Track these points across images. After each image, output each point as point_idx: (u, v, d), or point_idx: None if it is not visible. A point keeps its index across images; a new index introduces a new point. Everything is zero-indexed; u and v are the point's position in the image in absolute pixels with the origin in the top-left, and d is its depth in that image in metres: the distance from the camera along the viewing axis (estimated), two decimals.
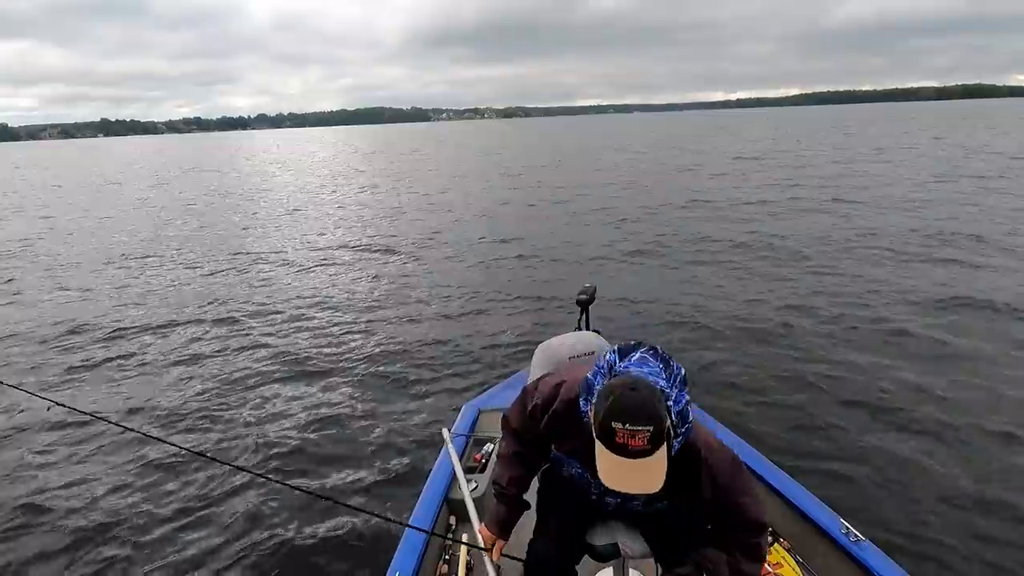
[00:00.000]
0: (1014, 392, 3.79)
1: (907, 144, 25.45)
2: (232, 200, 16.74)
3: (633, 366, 1.26)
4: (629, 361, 1.29)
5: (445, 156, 34.40)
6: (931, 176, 14.53)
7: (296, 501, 3.04)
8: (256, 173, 26.68)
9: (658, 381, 1.22)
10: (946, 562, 2.46)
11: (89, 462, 3.52)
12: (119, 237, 11.22)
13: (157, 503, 3.10)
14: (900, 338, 4.78)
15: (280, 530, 2.86)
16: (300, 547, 2.74)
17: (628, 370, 1.26)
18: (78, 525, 2.96)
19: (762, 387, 4.07)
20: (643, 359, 1.29)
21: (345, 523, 2.87)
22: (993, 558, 2.46)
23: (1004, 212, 9.69)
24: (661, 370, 1.26)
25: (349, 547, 2.72)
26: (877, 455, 3.21)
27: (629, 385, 1.17)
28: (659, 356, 1.30)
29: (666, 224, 10.12)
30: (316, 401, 4.17)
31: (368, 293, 6.85)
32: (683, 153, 27.02)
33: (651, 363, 1.27)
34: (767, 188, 13.83)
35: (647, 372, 1.24)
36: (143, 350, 5.32)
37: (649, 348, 1.32)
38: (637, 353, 1.30)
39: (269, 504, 3.04)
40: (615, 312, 5.72)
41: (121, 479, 3.33)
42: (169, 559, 2.71)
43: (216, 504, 3.06)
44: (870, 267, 6.91)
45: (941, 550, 2.52)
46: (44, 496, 3.20)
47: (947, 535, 2.60)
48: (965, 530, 2.63)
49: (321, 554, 2.69)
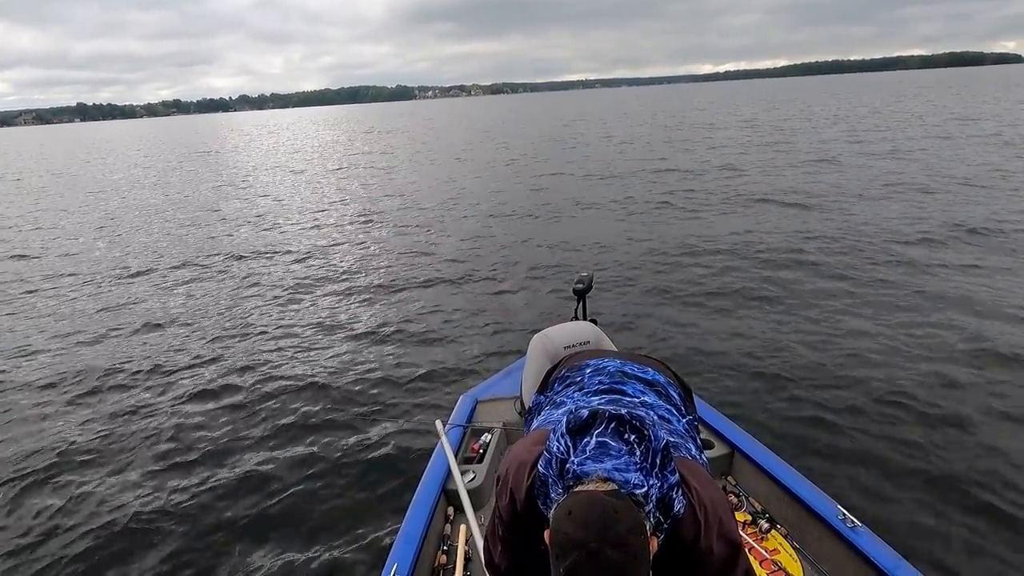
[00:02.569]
0: (1014, 377, 3.80)
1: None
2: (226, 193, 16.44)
3: (591, 461, 0.95)
4: (584, 452, 0.97)
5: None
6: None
7: (293, 494, 3.03)
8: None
9: (628, 477, 0.93)
10: (942, 547, 2.48)
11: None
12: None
13: (158, 498, 3.09)
14: (901, 324, 4.77)
15: (276, 524, 2.85)
16: (297, 540, 2.74)
17: (584, 471, 0.94)
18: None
19: (760, 370, 4.06)
20: (602, 446, 0.96)
21: (343, 515, 2.87)
22: (989, 543, 2.48)
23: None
24: (630, 454, 0.95)
25: (347, 539, 2.72)
26: (874, 440, 3.22)
27: (588, 547, 0.85)
28: (626, 430, 0.98)
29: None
30: (311, 395, 4.13)
31: (356, 283, 6.76)
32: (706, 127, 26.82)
33: (613, 448, 0.96)
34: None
35: (610, 468, 0.93)
36: (129, 356, 5.24)
37: (610, 419, 0.99)
38: (593, 438, 0.98)
39: (265, 497, 3.03)
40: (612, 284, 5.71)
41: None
42: (159, 554, 2.70)
43: (214, 503, 3.04)
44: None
45: (937, 535, 2.54)
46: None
47: (943, 520, 2.62)
48: (961, 515, 2.64)
49: (319, 546, 2.69)
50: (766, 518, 2.06)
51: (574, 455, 0.97)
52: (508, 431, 2.60)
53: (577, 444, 0.99)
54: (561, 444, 1.00)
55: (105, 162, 27.74)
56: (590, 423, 1.00)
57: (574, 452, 0.98)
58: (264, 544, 2.74)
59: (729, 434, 2.31)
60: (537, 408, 1.45)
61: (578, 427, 1.01)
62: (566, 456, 0.98)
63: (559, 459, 0.99)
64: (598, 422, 1.00)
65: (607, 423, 0.99)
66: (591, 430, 1.00)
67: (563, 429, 1.02)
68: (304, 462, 3.34)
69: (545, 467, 1.02)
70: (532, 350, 2.03)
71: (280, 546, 2.72)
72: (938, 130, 18.03)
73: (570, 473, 0.96)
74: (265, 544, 2.74)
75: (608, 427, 0.99)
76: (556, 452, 1.00)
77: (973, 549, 2.47)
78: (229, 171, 20.26)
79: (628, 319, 5.17)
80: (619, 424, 0.99)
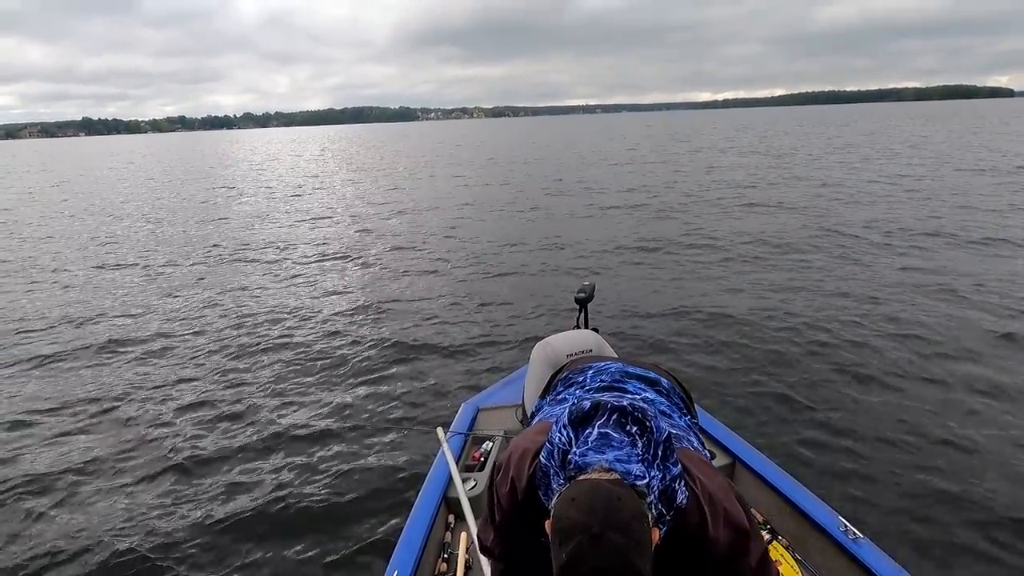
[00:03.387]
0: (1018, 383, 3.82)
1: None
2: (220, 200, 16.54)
3: (592, 452, 0.94)
4: (586, 442, 0.96)
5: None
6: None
7: (293, 500, 3.01)
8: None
9: (630, 468, 0.92)
10: (944, 560, 2.47)
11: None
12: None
13: (155, 502, 3.06)
14: (903, 326, 4.83)
15: (277, 529, 2.83)
16: (297, 546, 2.72)
17: (586, 462, 0.93)
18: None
19: (760, 379, 4.09)
20: (603, 437, 0.96)
21: (343, 522, 2.85)
22: (992, 557, 2.47)
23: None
24: (632, 445, 0.95)
25: (347, 546, 2.70)
26: (876, 452, 3.23)
27: (591, 531, 0.83)
28: (628, 421, 0.98)
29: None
30: (313, 402, 4.12)
31: (357, 293, 6.79)
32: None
33: (615, 439, 0.96)
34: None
35: (612, 459, 0.92)
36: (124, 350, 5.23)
37: (612, 411, 0.99)
38: (595, 429, 0.98)
39: (265, 503, 3.02)
40: (614, 308, 5.73)
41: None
42: (158, 555, 2.67)
43: (213, 509, 3.02)
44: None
45: (940, 548, 2.53)
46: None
47: (947, 533, 2.61)
48: (964, 529, 2.63)
49: (319, 552, 2.67)
50: (768, 529, 2.06)
51: (576, 446, 0.97)
52: (510, 439, 2.59)
53: (579, 435, 0.99)
54: (563, 435, 1.00)
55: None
56: (592, 414, 1.00)
57: (576, 443, 0.98)
58: (264, 549, 2.72)
59: (731, 445, 2.31)
60: (539, 410, 1.45)
61: (580, 418, 1.01)
62: (568, 447, 0.98)
63: (561, 450, 0.98)
64: (600, 413, 1.00)
65: (609, 414, 0.99)
66: (593, 421, 1.00)
67: (565, 420, 1.02)
68: (305, 468, 3.33)
69: (547, 457, 1.01)
70: (534, 358, 2.05)
71: (280, 551, 2.70)
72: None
73: (572, 464, 0.95)
74: (265, 549, 2.72)
75: (610, 418, 0.99)
76: (558, 443, 1.00)
77: (976, 563, 2.46)
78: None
79: (628, 328, 5.19)
80: (621, 415, 0.99)
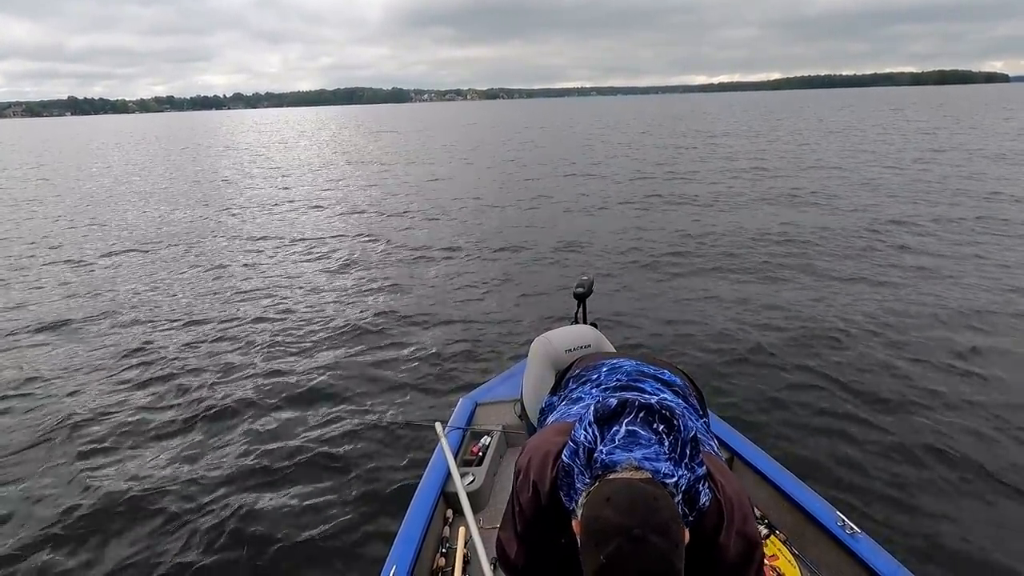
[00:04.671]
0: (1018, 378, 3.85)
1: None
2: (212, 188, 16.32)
3: (620, 450, 0.93)
4: (613, 440, 0.95)
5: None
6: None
7: (292, 497, 3.00)
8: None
9: (658, 466, 0.91)
10: (941, 555, 2.49)
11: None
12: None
13: (151, 488, 3.04)
14: (898, 323, 4.84)
15: (275, 526, 2.82)
16: (296, 543, 2.71)
17: (614, 460, 0.92)
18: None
19: (758, 374, 4.09)
20: (631, 435, 0.95)
21: (342, 518, 2.85)
22: (990, 553, 2.49)
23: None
24: (659, 443, 0.94)
25: (345, 540, 2.70)
26: (875, 446, 3.24)
27: (631, 532, 0.82)
28: (655, 419, 0.96)
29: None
30: (310, 396, 4.09)
31: (356, 286, 6.72)
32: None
33: (643, 437, 0.95)
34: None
35: (640, 458, 0.91)
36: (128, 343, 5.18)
37: (640, 408, 0.98)
38: (623, 427, 0.96)
39: (264, 500, 3.00)
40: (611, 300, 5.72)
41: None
42: (155, 553, 2.67)
43: (212, 504, 3.00)
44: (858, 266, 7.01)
45: (936, 543, 2.55)
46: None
47: (943, 528, 2.63)
48: (962, 524, 2.65)
49: (317, 550, 2.67)
50: (765, 524, 2.07)
51: (602, 444, 0.95)
52: (507, 434, 2.60)
53: (605, 433, 0.97)
54: (589, 433, 0.98)
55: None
56: (619, 412, 0.99)
57: (602, 441, 0.96)
58: (260, 544, 2.71)
59: (728, 439, 2.32)
60: (550, 408, 1.44)
61: (606, 416, 0.99)
62: (594, 445, 0.96)
63: (587, 448, 0.96)
64: (627, 411, 0.98)
65: (636, 412, 0.98)
66: (620, 419, 0.98)
67: (591, 418, 1.00)
68: (303, 463, 3.31)
69: (571, 457, 0.99)
70: (533, 353, 2.03)
71: (277, 547, 2.69)
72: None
73: (598, 462, 0.94)
74: (262, 544, 2.71)
75: (637, 416, 0.98)
76: (583, 441, 0.98)
77: (973, 558, 2.48)
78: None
79: (626, 321, 5.19)
80: (648, 413, 0.97)
